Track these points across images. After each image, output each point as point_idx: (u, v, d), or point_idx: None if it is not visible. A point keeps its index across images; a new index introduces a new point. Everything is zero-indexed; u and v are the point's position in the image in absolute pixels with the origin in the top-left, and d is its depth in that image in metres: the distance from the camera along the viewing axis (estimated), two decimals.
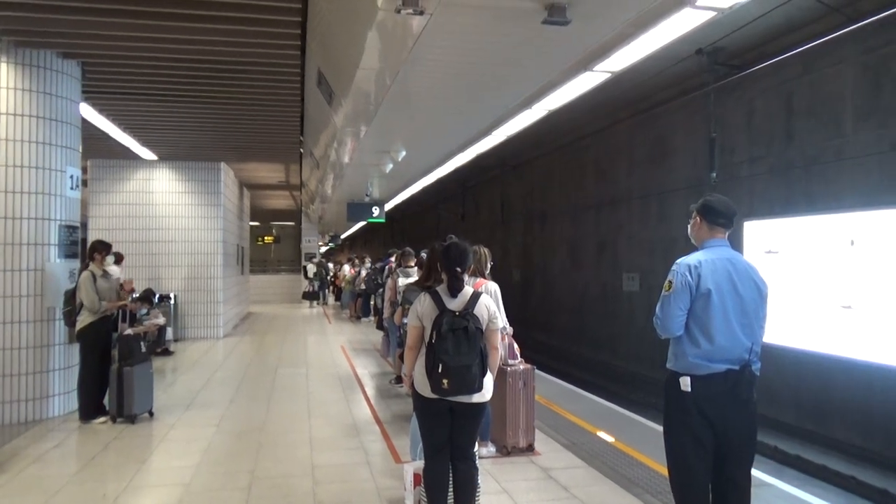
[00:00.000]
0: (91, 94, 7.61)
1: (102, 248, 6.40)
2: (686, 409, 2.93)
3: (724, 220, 3.08)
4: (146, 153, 11.58)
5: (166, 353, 10.58)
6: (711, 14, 4.08)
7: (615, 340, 13.73)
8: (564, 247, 16.43)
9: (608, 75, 5.37)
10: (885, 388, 7.46)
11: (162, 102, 8.16)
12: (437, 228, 26.64)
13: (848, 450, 7.95)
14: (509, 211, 20.27)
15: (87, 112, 8.14)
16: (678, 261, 3.01)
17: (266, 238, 35.15)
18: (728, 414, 2.91)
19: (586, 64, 5.13)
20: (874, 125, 7.87)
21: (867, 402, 7.76)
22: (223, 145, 11.22)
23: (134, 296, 9.36)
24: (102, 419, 6.21)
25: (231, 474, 4.75)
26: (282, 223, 34.49)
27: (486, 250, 5.03)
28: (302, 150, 12.16)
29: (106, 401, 6.31)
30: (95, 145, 10.33)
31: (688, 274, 2.94)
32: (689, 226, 3.22)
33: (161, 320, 10.31)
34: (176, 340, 11.85)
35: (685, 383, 2.93)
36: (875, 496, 7.06)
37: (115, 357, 6.22)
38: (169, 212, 12.47)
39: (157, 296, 11.36)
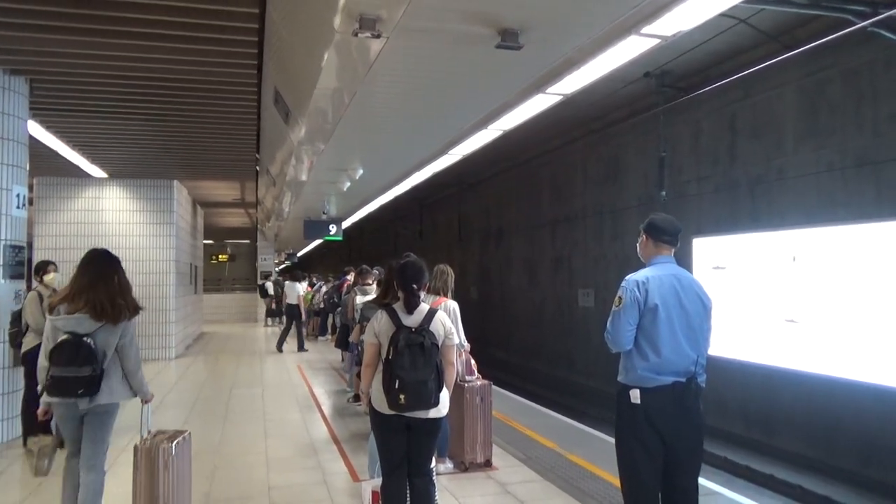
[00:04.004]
0: (39, 110, 7.45)
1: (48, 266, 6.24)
2: (636, 420, 3.03)
3: (669, 238, 3.21)
4: (96, 171, 11.33)
5: None
6: (656, 41, 4.28)
7: (572, 356, 13.92)
8: (521, 264, 16.63)
9: (560, 97, 5.55)
10: (826, 399, 7.76)
11: (114, 120, 8.03)
12: (395, 246, 26.65)
13: (794, 459, 8.22)
14: (467, 228, 20.43)
15: (35, 129, 7.95)
16: (627, 277, 3.13)
17: (220, 256, 34.49)
18: (676, 424, 3.02)
19: (539, 86, 5.29)
20: (812, 146, 8.26)
21: (810, 412, 8.05)
22: (177, 163, 11.07)
23: None
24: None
25: None
26: (236, 241, 33.96)
27: (451, 270, 5.14)
28: (258, 168, 12.07)
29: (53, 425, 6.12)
30: (43, 163, 10.07)
31: (636, 290, 3.05)
32: (637, 244, 3.35)
33: None
34: None
35: (635, 396, 3.03)
36: (818, 503, 7.32)
37: None
38: (119, 230, 12.18)
39: None
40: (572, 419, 7.21)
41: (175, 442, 3.79)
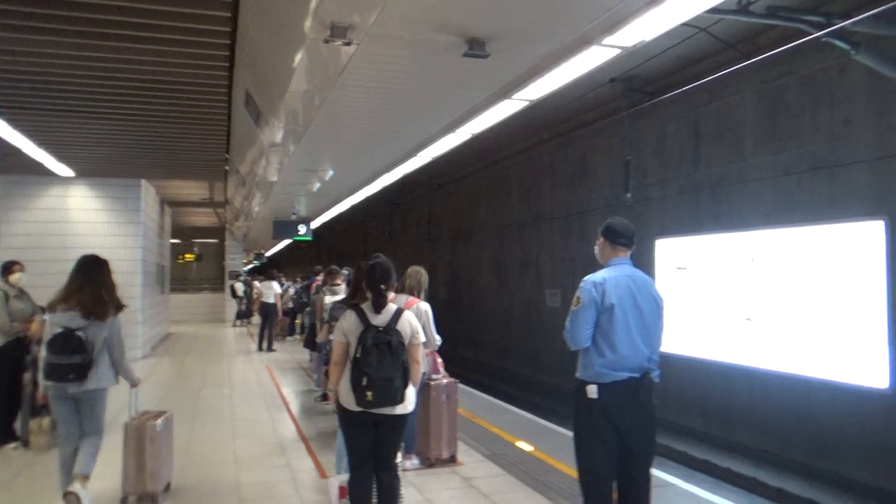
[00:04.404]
0: (6, 108, 7.36)
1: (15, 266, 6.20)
2: (593, 414, 3.18)
3: (625, 241, 3.37)
4: (63, 169, 11.17)
5: None
6: (617, 51, 4.46)
7: (539, 355, 14.13)
8: (490, 264, 16.80)
9: (526, 103, 5.70)
10: (780, 394, 8.06)
11: (83, 119, 7.95)
12: (365, 245, 26.67)
13: (750, 452, 8.51)
14: (437, 228, 20.56)
15: (1, 127, 7.85)
16: (585, 278, 3.28)
17: (187, 256, 33.99)
18: (631, 417, 3.18)
19: (506, 93, 5.44)
20: (770, 150, 8.54)
21: (766, 407, 8.35)
22: (145, 162, 10.97)
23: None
24: (13, 445, 5.97)
25: None
26: (204, 240, 33.54)
27: (424, 272, 5.25)
28: (228, 168, 12.02)
29: (18, 426, 6.08)
30: (6, 161, 9.91)
31: (593, 290, 3.21)
32: (595, 246, 3.50)
33: None
34: None
35: (592, 391, 3.19)
36: (773, 495, 7.60)
37: (29, 381, 6.01)
38: (86, 230, 12.01)
39: None
40: (537, 416, 7.38)
41: (159, 420, 4.53)
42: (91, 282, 4.27)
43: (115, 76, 6.33)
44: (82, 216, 12.04)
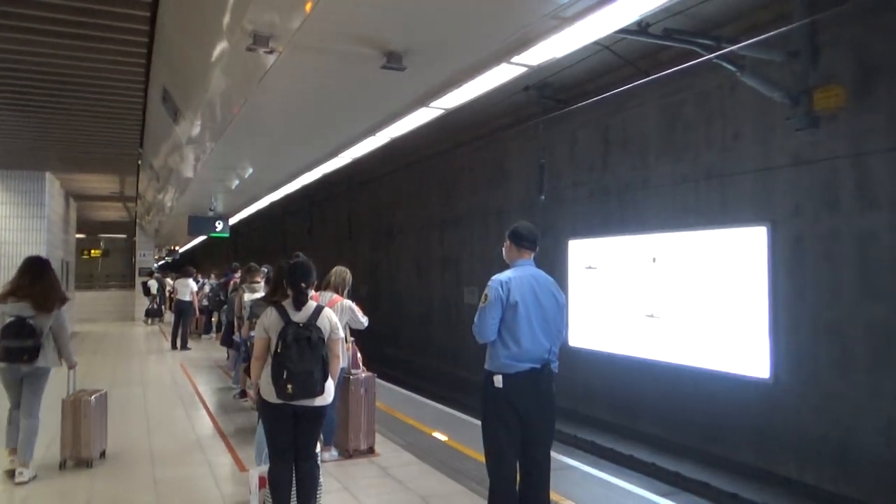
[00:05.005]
0: None
1: None
2: (498, 401, 3.48)
3: (528, 243, 3.69)
4: None
5: None
6: (524, 69, 4.82)
7: (458, 351, 14.49)
8: (411, 263, 17.04)
9: (443, 111, 5.98)
10: (679, 385, 8.70)
11: None
12: (284, 242, 26.32)
13: (653, 441, 9.13)
14: (357, 226, 20.59)
15: None
16: (492, 277, 3.58)
17: (93, 252, 32.51)
18: (532, 404, 3.50)
19: (423, 101, 5.69)
20: (669, 160, 9.19)
21: (667, 398, 8.98)
22: (52, 155, 10.57)
23: None
24: None
25: (66, 494, 4.67)
26: (111, 235, 32.13)
27: (349, 272, 5.53)
28: (140, 162, 11.72)
29: None
30: None
31: (499, 289, 3.51)
32: (503, 248, 3.81)
33: None
34: None
35: (498, 381, 3.49)
36: (669, 478, 8.21)
37: None
38: None
39: None
40: (453, 409, 7.68)
41: (94, 396, 5.25)
42: (40, 280, 4.95)
43: (24, 68, 6.17)
44: None
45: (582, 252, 10.23)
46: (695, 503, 7.53)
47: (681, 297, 8.46)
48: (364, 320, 5.33)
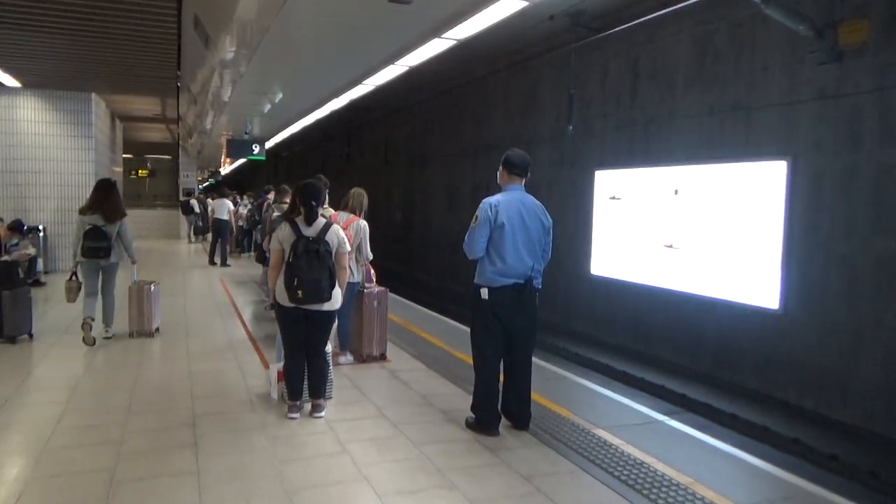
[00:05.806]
0: None
1: None
2: (484, 311, 3.86)
3: (519, 170, 3.98)
4: (9, 80, 11.13)
5: (37, 284, 10.55)
6: (526, 3, 4.91)
7: None
8: (442, 190, 17.30)
9: (455, 41, 6.14)
10: (692, 314, 8.96)
11: (28, 31, 8.01)
12: (324, 167, 26.76)
13: (664, 365, 9.50)
14: (393, 153, 20.80)
15: None
16: (483, 200, 3.89)
17: (140, 171, 33.55)
18: (514, 314, 3.87)
19: (434, 32, 5.85)
20: (697, 91, 9.13)
21: (680, 325, 9.28)
22: (95, 76, 10.99)
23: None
24: None
25: (114, 379, 5.33)
26: (157, 156, 33.08)
27: (365, 194, 5.92)
28: (179, 85, 12.09)
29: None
30: None
31: (488, 210, 3.83)
32: (497, 174, 4.09)
33: (31, 251, 10.26)
34: (46, 272, 11.73)
35: (484, 293, 3.85)
36: (677, 399, 8.61)
37: None
38: (35, 142, 12.06)
39: (25, 227, 11.17)
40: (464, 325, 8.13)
41: (152, 285, 7.12)
42: (107, 198, 6.51)
43: None
44: (31, 128, 12.06)
45: (607, 182, 10.35)
46: (694, 420, 7.92)
47: (699, 229, 8.61)
48: (369, 255, 5.76)
